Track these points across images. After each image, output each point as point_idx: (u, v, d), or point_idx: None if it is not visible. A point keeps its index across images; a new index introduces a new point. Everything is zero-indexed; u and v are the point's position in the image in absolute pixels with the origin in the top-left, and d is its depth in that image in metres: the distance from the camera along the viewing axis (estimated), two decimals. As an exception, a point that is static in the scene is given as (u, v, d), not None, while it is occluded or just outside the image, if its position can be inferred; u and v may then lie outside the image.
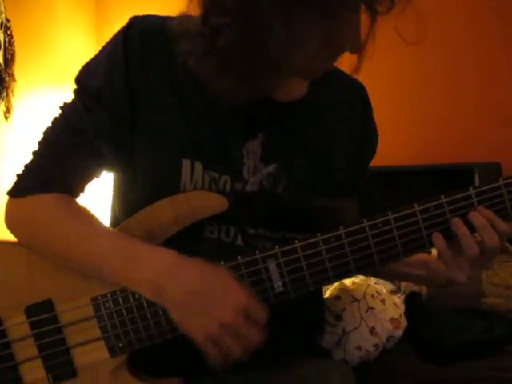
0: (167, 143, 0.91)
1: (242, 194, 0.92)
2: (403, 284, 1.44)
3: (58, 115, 0.94)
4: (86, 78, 0.92)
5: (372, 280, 1.33)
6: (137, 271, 0.84)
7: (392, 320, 1.18)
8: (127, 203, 0.96)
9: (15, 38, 2.19)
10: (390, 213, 0.85)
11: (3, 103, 2.17)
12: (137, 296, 0.87)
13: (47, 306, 0.90)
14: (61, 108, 0.94)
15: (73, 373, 0.89)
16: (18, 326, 0.90)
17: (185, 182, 0.90)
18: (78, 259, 0.88)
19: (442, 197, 0.85)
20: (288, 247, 0.85)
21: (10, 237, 0.97)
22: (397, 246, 0.85)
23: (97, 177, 0.98)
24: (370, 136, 1.07)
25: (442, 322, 1.26)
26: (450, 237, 0.85)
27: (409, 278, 1.06)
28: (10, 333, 0.90)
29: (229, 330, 0.80)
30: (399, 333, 1.18)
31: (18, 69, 2.22)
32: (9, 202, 0.96)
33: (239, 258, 0.85)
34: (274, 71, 0.83)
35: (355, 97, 1.06)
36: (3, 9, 2.04)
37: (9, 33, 2.16)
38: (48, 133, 0.94)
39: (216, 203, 0.88)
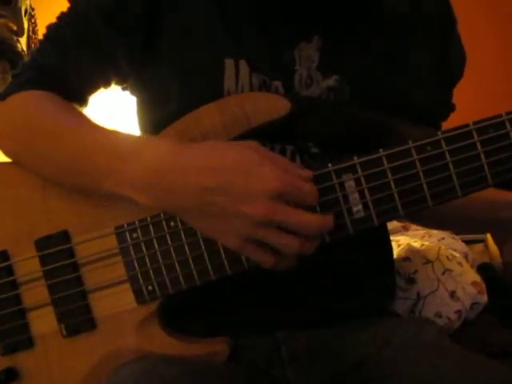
0: (203, 42, 0.68)
1: (304, 98, 0.68)
2: (470, 256, 1.18)
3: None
4: None
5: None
6: (128, 168, 0.59)
7: (474, 284, 0.92)
8: (158, 122, 0.70)
9: (39, 26, 2.03)
10: (503, 114, 0.60)
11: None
12: (172, 224, 0.63)
13: (62, 237, 0.67)
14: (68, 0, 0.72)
15: (91, 324, 0.66)
16: (27, 262, 0.67)
17: (229, 88, 0.67)
18: (61, 159, 0.65)
19: None
20: (370, 157, 0.60)
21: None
22: (516, 156, 0.60)
23: (104, 85, 0.75)
24: (456, 51, 0.79)
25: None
26: None
27: None
28: (17, 270, 0.67)
29: (268, 223, 0.54)
30: (484, 298, 0.92)
31: (41, 57, 2.09)
32: None
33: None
34: None
35: (434, 5, 0.78)
36: (28, -4, 1.90)
37: (33, 21, 2.03)
38: (50, 27, 0.73)
39: (276, 105, 0.63)
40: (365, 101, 0.70)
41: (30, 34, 2.01)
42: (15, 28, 1.90)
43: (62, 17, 0.72)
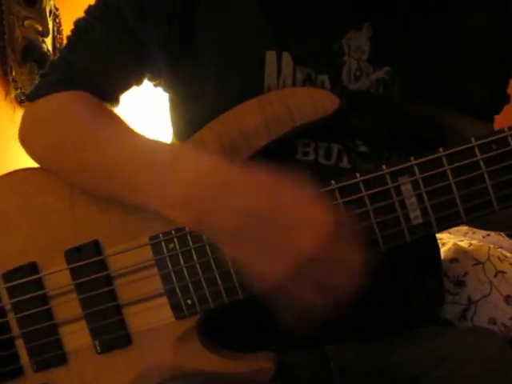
0: (241, 32, 0.62)
1: (354, 92, 0.61)
2: (517, 254, 1.10)
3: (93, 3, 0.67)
4: None
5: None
6: (164, 185, 0.52)
7: (531, 287, 0.85)
8: (193, 120, 0.65)
9: (64, 26, 1.99)
10: None
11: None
12: (212, 233, 0.58)
13: (93, 248, 0.62)
14: None
15: (126, 340, 0.61)
16: (57, 274, 0.62)
17: (270, 83, 0.60)
18: (92, 169, 0.59)
19: None
20: (428, 157, 0.53)
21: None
22: None
23: (136, 83, 0.69)
24: None
25: None
26: None
27: None
28: (47, 283, 0.63)
29: (317, 264, 0.47)
30: (542, 303, 0.85)
31: (66, 57, 2.05)
32: (26, 108, 0.69)
33: (357, 175, 0.54)
34: None
35: None
36: (52, -3, 1.85)
37: (57, 21, 1.97)
38: (78, 21, 0.67)
39: (322, 102, 0.57)
40: (416, 94, 0.63)
41: (55, 33, 1.96)
42: (40, 29, 1.85)
43: (90, 11, 0.66)
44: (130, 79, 0.68)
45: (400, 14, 0.64)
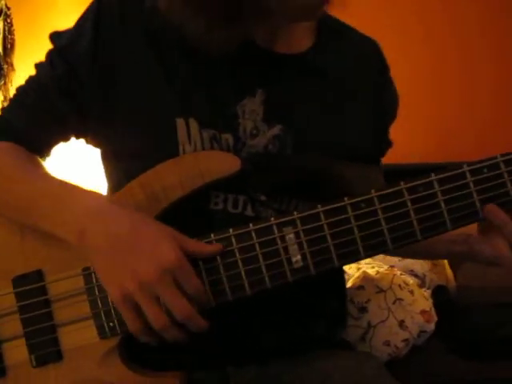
0: (154, 104, 0.71)
1: (254, 155, 0.69)
2: (428, 278, 1.19)
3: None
4: (58, 34, 0.77)
5: (397, 271, 1.09)
6: (62, 212, 0.66)
7: (423, 312, 0.93)
8: (123, 174, 0.73)
9: (15, 26, 1.97)
10: (433, 174, 0.62)
11: (1, 92, 1.93)
12: (132, 267, 0.66)
13: (37, 276, 0.69)
14: (35, 66, 0.77)
15: (58, 355, 0.68)
16: (4, 298, 0.69)
17: (183, 144, 0.69)
18: (12, 202, 0.70)
19: (498, 156, 0.61)
20: (309, 212, 0.62)
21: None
22: (442, 214, 0.61)
23: (64, 140, 0.78)
24: (388, 96, 0.83)
25: (479, 317, 1.01)
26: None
27: (450, 256, 0.82)
28: (-6, 305, 0.70)
29: (147, 290, 0.59)
30: (431, 327, 0.93)
31: (17, 58, 1.98)
32: None
33: (250, 225, 0.63)
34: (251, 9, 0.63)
35: (368, 53, 0.82)
36: (3, -4, 1.81)
37: (9, 21, 1.94)
38: (20, 87, 0.78)
39: (227, 163, 0.66)
40: (307, 147, 0.73)
41: (6, 34, 1.92)
42: (-10, 29, 1.81)
43: (29, 80, 0.77)
44: (57, 139, 0.78)
45: (289, 81, 0.73)
